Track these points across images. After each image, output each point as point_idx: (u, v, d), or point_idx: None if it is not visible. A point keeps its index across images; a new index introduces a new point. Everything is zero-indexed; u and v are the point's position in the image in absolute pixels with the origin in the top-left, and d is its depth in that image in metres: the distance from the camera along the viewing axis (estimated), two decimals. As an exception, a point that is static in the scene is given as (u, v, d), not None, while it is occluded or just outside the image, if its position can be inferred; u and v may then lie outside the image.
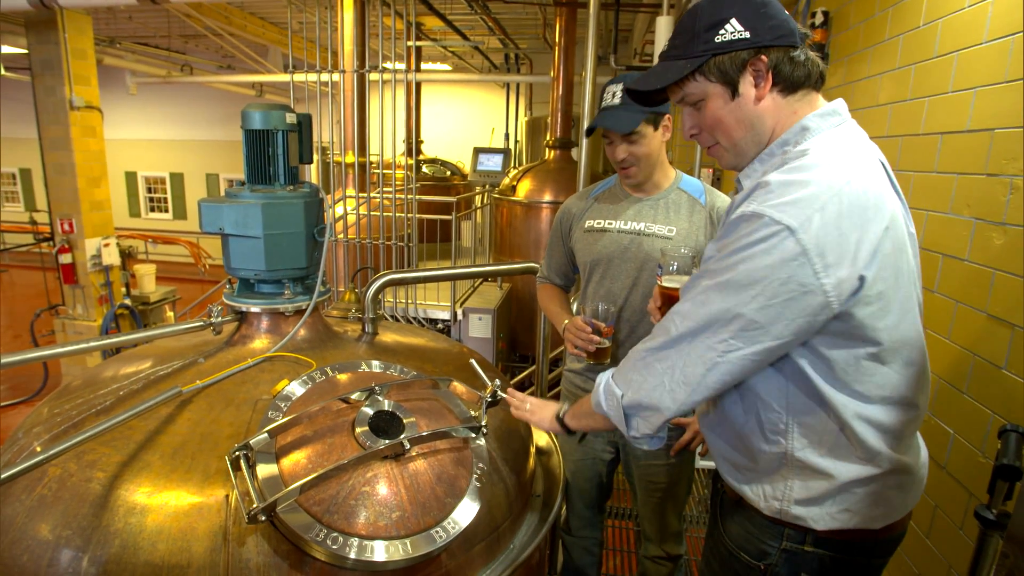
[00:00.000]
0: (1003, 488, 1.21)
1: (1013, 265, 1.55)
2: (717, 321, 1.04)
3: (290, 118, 1.49)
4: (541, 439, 1.85)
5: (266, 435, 1.16)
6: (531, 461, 1.60)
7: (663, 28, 2.99)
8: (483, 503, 1.26)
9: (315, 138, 4.31)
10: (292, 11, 4.51)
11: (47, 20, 5.24)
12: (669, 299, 1.51)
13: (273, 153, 1.50)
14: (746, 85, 1.09)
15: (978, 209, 1.71)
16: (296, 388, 1.32)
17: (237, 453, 1.13)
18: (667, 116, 1.78)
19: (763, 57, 1.07)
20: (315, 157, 1.56)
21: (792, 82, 1.10)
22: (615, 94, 1.72)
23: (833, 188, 0.99)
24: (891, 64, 2.29)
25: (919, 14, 2.10)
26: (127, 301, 6.06)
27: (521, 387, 4.86)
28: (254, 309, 1.54)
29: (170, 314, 6.79)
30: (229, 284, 1.60)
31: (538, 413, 1.46)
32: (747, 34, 1.06)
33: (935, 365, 1.87)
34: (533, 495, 1.57)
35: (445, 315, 4.66)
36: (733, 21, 1.07)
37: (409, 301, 4.64)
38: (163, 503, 1.11)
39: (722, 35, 1.07)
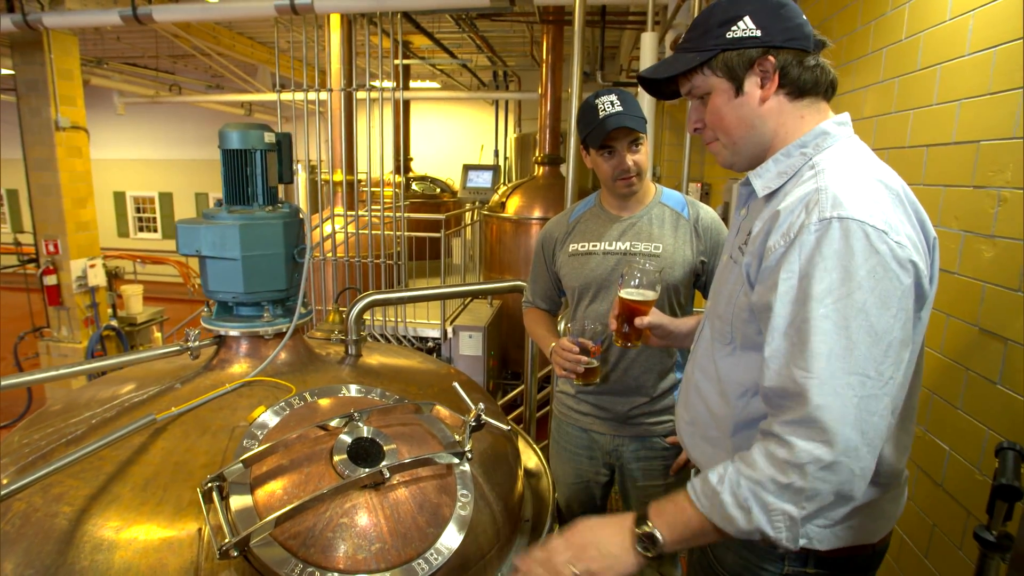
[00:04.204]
0: (1002, 508, 1.18)
1: (1003, 278, 1.54)
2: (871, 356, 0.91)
3: (268, 137, 1.46)
4: (529, 461, 1.81)
5: (240, 465, 1.12)
6: (519, 484, 1.56)
7: (648, 44, 3.00)
8: (468, 531, 1.21)
9: (304, 156, 4.31)
10: (279, 30, 4.52)
11: (32, 41, 5.22)
12: (629, 310, 1.50)
13: (251, 173, 1.47)
14: (752, 84, 1.09)
15: (967, 222, 1.70)
16: (273, 415, 1.27)
17: (209, 484, 1.08)
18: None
19: (771, 57, 1.07)
20: (303, 175, 1.54)
21: (799, 87, 1.09)
22: (613, 103, 1.70)
23: (893, 190, 1.00)
24: (875, 77, 2.30)
25: (901, 27, 2.11)
26: (113, 322, 5.97)
27: (513, 405, 4.81)
28: (232, 332, 1.49)
29: (158, 335, 6.69)
30: (207, 307, 1.56)
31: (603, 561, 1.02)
32: (758, 33, 1.07)
33: (928, 380, 1.85)
34: (522, 520, 1.52)
35: (435, 333, 4.61)
36: (747, 19, 1.07)
37: (399, 320, 4.60)
38: (132, 538, 1.06)
39: (734, 32, 1.08)
